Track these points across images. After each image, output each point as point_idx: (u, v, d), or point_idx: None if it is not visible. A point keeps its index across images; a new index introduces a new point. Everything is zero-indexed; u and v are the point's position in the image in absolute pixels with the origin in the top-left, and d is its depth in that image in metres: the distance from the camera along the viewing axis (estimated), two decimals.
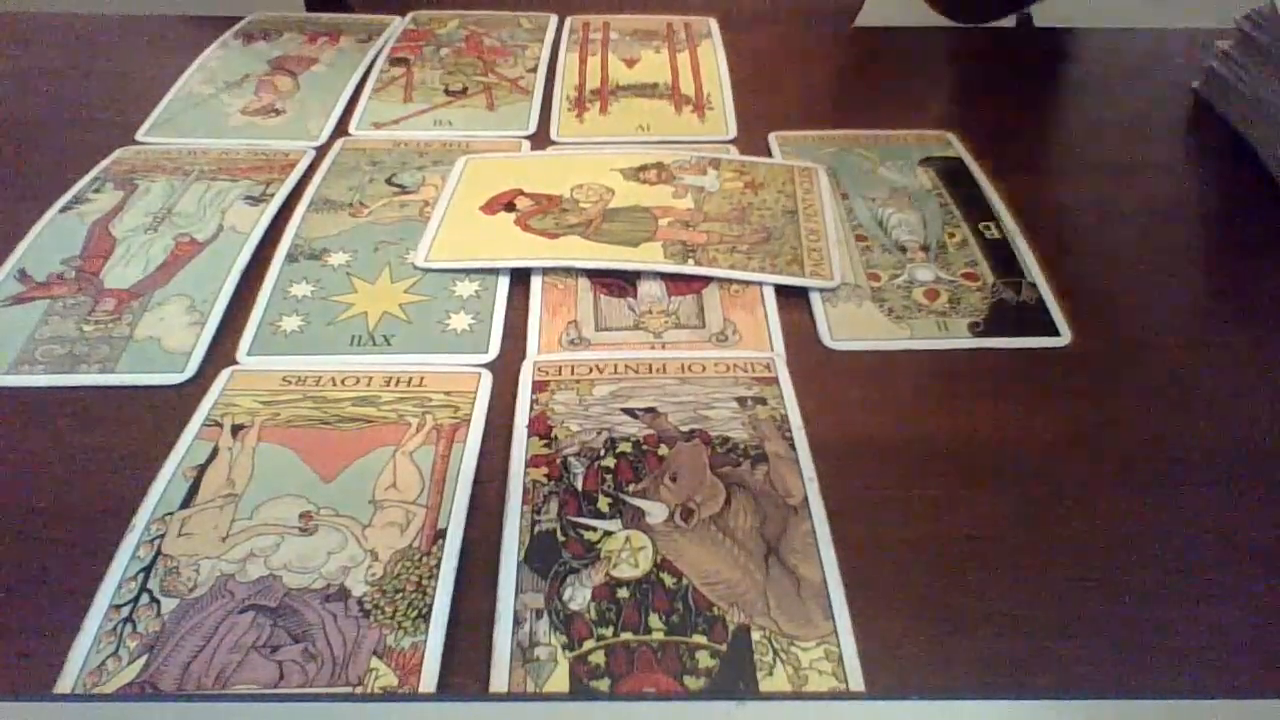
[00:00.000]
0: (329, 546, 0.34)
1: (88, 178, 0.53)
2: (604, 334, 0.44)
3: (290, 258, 0.48)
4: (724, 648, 0.31)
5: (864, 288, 0.46)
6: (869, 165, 0.55)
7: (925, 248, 0.49)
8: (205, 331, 0.43)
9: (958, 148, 0.57)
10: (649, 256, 0.47)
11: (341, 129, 0.59)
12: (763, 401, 0.40)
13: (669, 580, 0.33)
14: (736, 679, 0.30)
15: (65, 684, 0.30)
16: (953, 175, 0.54)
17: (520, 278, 0.47)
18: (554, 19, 0.71)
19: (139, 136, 0.58)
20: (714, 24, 0.70)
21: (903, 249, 0.49)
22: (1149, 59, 0.69)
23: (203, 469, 0.37)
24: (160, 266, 0.47)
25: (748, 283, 0.46)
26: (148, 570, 0.33)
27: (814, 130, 0.58)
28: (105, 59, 0.68)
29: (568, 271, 0.47)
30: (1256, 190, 0.55)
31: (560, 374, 0.41)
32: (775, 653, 0.31)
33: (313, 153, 0.56)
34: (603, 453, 0.37)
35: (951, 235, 0.50)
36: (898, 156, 0.56)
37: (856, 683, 0.30)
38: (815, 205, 0.51)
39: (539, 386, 0.41)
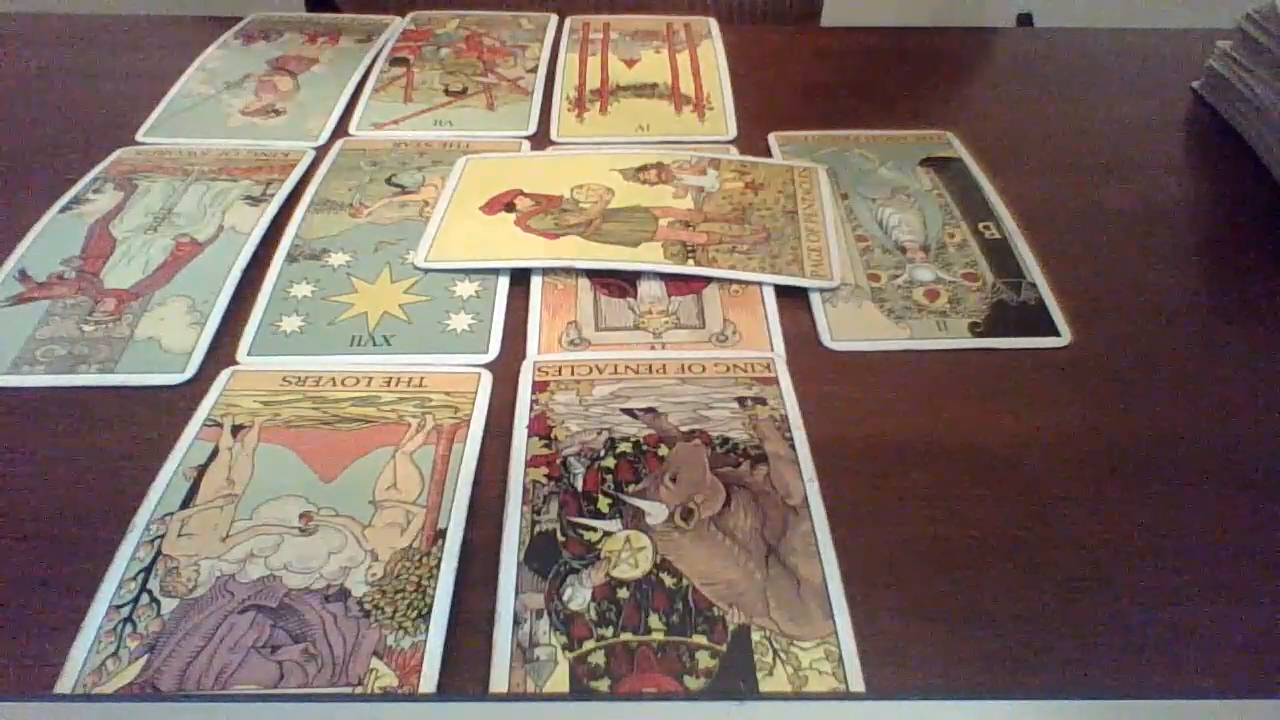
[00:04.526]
0: (329, 547, 0.34)
1: (88, 178, 0.53)
2: (604, 334, 0.44)
3: (290, 258, 0.48)
4: (724, 648, 0.31)
5: (864, 288, 0.46)
6: (869, 165, 0.55)
7: (925, 248, 0.49)
8: (205, 332, 0.43)
9: (958, 148, 0.57)
10: (649, 256, 0.47)
11: (341, 129, 0.59)
12: (763, 401, 0.40)
13: (669, 580, 0.33)
14: (736, 679, 0.30)
15: (65, 684, 0.30)
16: (953, 175, 0.54)
17: (520, 278, 0.47)
18: (554, 19, 0.71)
19: (139, 136, 0.58)
20: (714, 24, 0.70)
21: (903, 249, 0.49)
22: (1149, 59, 0.69)
23: (203, 469, 0.37)
24: (160, 267, 0.47)
25: (748, 283, 0.46)
26: (148, 570, 0.33)
27: (814, 130, 0.58)
28: (105, 59, 0.68)
29: (568, 272, 0.47)
30: (1256, 190, 0.55)
31: (560, 374, 0.41)
32: (775, 653, 0.31)
33: (313, 153, 0.56)
34: (603, 453, 0.37)
35: (951, 235, 0.50)
36: (898, 156, 0.56)
37: (856, 683, 0.30)
38: (815, 205, 0.51)
39: (539, 387, 0.40)
